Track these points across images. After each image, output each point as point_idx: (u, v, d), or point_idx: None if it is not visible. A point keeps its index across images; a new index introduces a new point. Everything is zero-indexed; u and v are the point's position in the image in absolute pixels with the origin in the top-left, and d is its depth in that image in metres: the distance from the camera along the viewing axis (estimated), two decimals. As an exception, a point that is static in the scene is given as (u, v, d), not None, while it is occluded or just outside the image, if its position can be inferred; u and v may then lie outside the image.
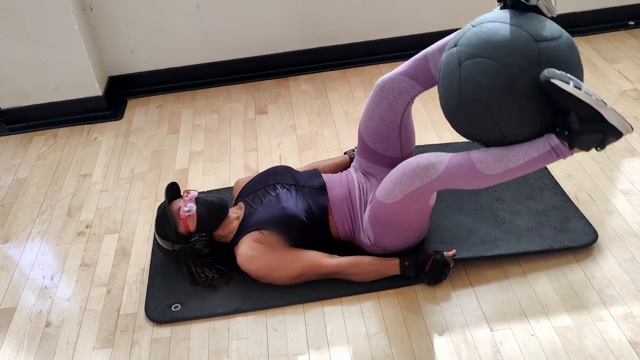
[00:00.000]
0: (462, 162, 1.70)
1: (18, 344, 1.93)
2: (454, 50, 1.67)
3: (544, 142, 1.61)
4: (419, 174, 1.75)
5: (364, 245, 2.00)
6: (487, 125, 1.64)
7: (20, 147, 2.92)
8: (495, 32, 1.61)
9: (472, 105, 1.63)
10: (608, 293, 1.87)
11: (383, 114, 1.96)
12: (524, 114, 1.60)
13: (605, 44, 3.18)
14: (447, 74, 1.69)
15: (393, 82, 1.94)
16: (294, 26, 3.14)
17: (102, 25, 3.02)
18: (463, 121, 1.70)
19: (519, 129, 1.63)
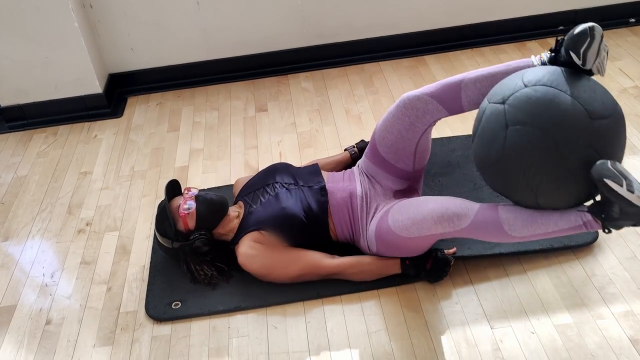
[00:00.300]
0: (489, 220, 1.68)
1: (18, 341, 1.93)
2: (501, 107, 1.59)
3: (576, 216, 1.59)
4: (442, 223, 1.73)
5: (364, 250, 2.00)
6: (522, 192, 1.61)
7: (20, 145, 2.92)
8: (551, 101, 1.53)
9: (512, 170, 1.59)
10: (608, 291, 1.87)
11: (402, 130, 1.90)
12: (565, 189, 1.58)
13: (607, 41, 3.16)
14: (489, 130, 1.62)
15: (419, 102, 1.85)
16: (294, 23, 3.14)
17: (102, 23, 3.02)
18: (497, 180, 1.67)
19: (555, 201, 1.60)
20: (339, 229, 2.00)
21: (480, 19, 3.22)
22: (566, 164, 1.53)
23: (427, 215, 1.76)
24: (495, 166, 1.63)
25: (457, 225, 1.72)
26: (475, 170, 1.72)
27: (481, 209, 1.71)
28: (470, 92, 1.80)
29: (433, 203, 1.78)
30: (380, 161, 2.01)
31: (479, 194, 2.22)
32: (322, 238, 2.01)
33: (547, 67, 1.64)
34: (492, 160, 1.63)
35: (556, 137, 1.52)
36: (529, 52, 3.16)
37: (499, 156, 1.59)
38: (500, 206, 1.70)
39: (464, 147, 2.43)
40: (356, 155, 2.32)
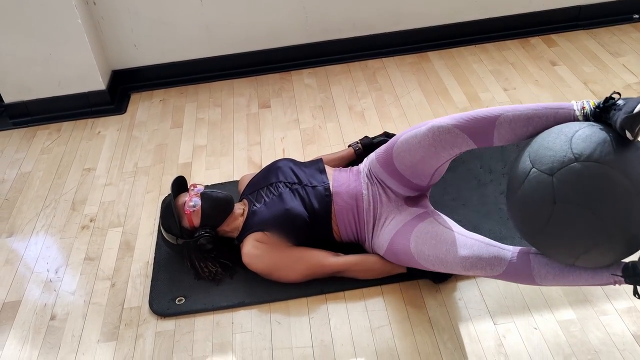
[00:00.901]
0: (520, 271, 1.66)
1: (23, 337, 1.94)
2: (549, 180, 1.52)
3: (608, 277, 1.58)
4: (473, 269, 1.71)
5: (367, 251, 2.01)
6: (560, 257, 1.60)
7: (24, 141, 2.93)
8: (603, 180, 1.48)
9: (555, 243, 1.57)
10: (612, 287, 1.87)
11: (426, 157, 1.83)
12: (604, 260, 1.56)
13: (610, 38, 3.17)
14: (535, 200, 1.55)
15: (449, 135, 1.76)
16: (297, 20, 3.14)
17: (105, 19, 3.02)
18: (537, 244, 1.63)
19: (592, 265, 1.59)
20: (342, 231, 2.00)
21: (484, 15, 3.22)
22: (612, 242, 1.51)
23: (458, 261, 1.73)
24: (536, 237, 1.60)
25: (489, 273, 1.70)
26: (514, 225, 1.70)
27: (513, 258, 1.68)
28: (504, 131, 1.72)
29: (465, 249, 1.73)
30: (394, 173, 1.95)
31: (483, 190, 2.22)
32: (325, 239, 2.01)
33: (596, 134, 1.54)
34: (533, 230, 1.59)
35: (607, 219, 1.48)
36: (532, 48, 3.16)
37: (543, 228, 1.55)
38: (532, 255, 1.67)
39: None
40: (360, 151, 2.31)
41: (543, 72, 2.96)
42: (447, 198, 2.19)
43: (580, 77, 2.89)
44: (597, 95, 2.73)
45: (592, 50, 3.08)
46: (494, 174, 2.28)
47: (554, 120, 1.67)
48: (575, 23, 3.28)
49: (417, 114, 2.76)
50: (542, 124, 1.68)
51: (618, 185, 1.47)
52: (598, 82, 2.83)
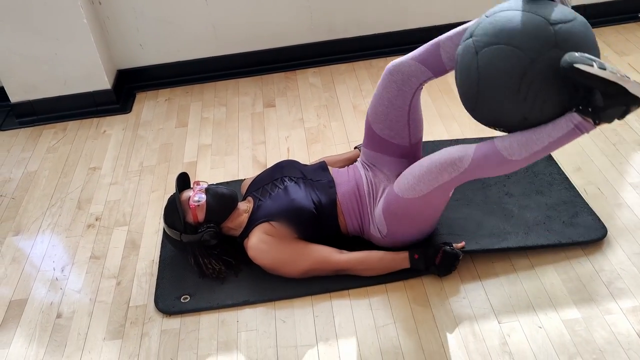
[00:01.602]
0: (488, 153, 1.72)
1: (30, 335, 1.96)
2: (469, 41, 1.70)
3: (566, 121, 1.62)
4: (446, 169, 1.76)
5: (374, 238, 2.01)
6: (508, 110, 1.65)
7: (30, 141, 2.94)
8: (510, 19, 1.63)
9: (492, 91, 1.65)
10: (617, 286, 1.86)
11: (392, 98, 1.96)
12: (545, 95, 1.60)
13: (616, 37, 3.16)
14: (464, 65, 1.71)
15: (403, 66, 1.94)
16: (303, 19, 3.14)
17: (110, 19, 3.03)
18: (484, 109, 1.71)
19: (540, 110, 1.63)
20: (348, 220, 2.01)
21: (489, 14, 3.21)
22: (537, 68, 1.57)
23: (430, 166, 1.78)
24: (478, 95, 1.68)
25: (460, 167, 1.74)
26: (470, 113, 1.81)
27: (478, 145, 1.75)
28: (449, 49, 1.87)
29: (432, 156, 1.81)
30: (378, 143, 2.04)
31: (487, 192, 2.22)
32: (331, 231, 2.02)
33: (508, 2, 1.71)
34: (473, 90, 1.69)
35: (521, 45, 1.58)
36: (537, 47, 3.15)
37: (477, 82, 1.66)
38: (495, 138, 1.74)
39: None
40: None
41: (548, 71, 2.96)
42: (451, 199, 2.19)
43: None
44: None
45: (597, 49, 3.07)
46: (498, 177, 2.28)
47: None
48: (580, 22, 3.27)
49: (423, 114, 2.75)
50: None
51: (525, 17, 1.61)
52: (603, 81, 2.82)
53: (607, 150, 2.40)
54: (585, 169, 2.31)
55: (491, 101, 1.67)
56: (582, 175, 2.28)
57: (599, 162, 2.35)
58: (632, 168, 2.30)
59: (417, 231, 1.96)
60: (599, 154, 2.38)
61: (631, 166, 2.31)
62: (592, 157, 2.37)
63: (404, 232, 1.95)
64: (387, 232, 1.95)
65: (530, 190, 2.21)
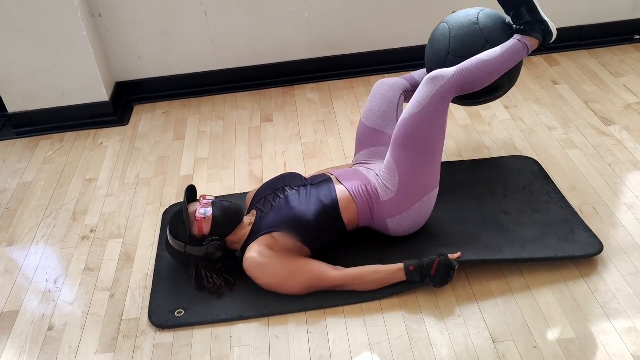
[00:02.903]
0: (465, 64, 2.06)
1: (21, 347, 1.94)
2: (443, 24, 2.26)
3: (512, 40, 2.11)
4: (433, 82, 2.01)
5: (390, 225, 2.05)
6: (474, 44, 2.15)
7: (26, 151, 2.94)
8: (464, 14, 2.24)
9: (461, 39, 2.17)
10: (612, 307, 1.86)
11: (385, 92, 2.29)
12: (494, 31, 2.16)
13: (611, 58, 3.19)
14: (436, 33, 2.27)
15: (390, 79, 2.35)
16: (301, 35, 3.16)
17: (110, 31, 3.05)
18: (457, 45, 2.17)
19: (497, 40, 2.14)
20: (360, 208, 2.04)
21: (486, 33, 3.24)
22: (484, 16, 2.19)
23: (416, 96, 2.01)
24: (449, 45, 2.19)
25: (443, 79, 2.00)
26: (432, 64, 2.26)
27: (454, 67, 2.05)
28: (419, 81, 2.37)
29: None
30: (369, 137, 2.25)
31: (484, 210, 2.23)
32: (337, 230, 2.03)
33: None
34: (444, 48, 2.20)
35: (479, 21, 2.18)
36: (534, 66, 3.18)
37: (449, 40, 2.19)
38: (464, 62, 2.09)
39: (469, 170, 2.46)
40: (363, 166, 2.35)
41: (544, 91, 2.98)
42: (447, 216, 2.20)
43: (581, 96, 2.90)
44: (598, 115, 2.75)
45: (593, 69, 3.10)
46: (494, 197, 2.29)
47: None
48: (577, 43, 3.31)
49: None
50: None
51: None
52: (599, 101, 2.85)
53: (602, 170, 2.41)
54: (581, 189, 2.32)
55: (464, 41, 2.17)
56: (578, 195, 2.29)
57: (594, 182, 2.35)
58: (627, 188, 2.31)
59: (423, 186, 2.03)
60: (594, 174, 2.39)
61: (626, 186, 2.32)
62: (587, 177, 2.38)
63: (411, 184, 2.01)
64: (399, 206, 2.01)
65: (527, 208, 2.22)
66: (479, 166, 2.48)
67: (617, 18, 3.26)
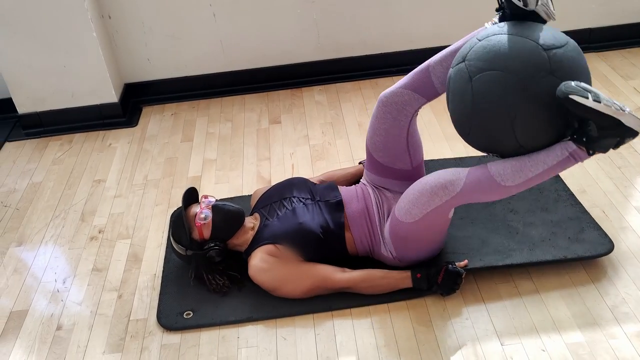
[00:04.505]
0: (480, 177, 1.70)
1: (29, 346, 1.94)
2: (462, 65, 1.68)
3: (561, 149, 1.62)
4: (437, 193, 1.75)
5: (385, 259, 2.00)
6: (503, 136, 1.65)
7: (36, 152, 2.96)
8: (503, 43, 1.62)
9: (487, 117, 1.64)
10: (621, 310, 1.85)
11: (388, 128, 1.95)
12: (539, 121, 1.60)
13: (621, 60, 3.17)
14: (457, 90, 1.69)
15: (395, 96, 1.93)
16: (310, 37, 3.16)
17: (119, 33, 3.06)
18: (478, 134, 1.71)
19: (535, 137, 1.63)
20: (358, 241, 2.00)
21: (495, 36, 3.23)
22: (533, 96, 1.57)
23: (422, 190, 1.77)
24: (472, 121, 1.68)
25: (452, 191, 1.73)
26: (463, 138, 1.82)
27: (471, 170, 1.74)
28: (439, 73, 1.87)
29: (425, 178, 1.81)
30: (380, 168, 2.05)
31: (491, 210, 2.22)
32: (338, 253, 2.01)
33: (502, 23, 1.72)
34: (467, 116, 1.69)
35: (516, 71, 1.58)
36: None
37: (472, 108, 1.66)
38: (489, 163, 1.72)
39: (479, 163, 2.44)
40: (369, 168, 2.33)
41: (553, 94, 2.96)
42: (455, 217, 2.19)
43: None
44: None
45: (603, 72, 3.08)
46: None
47: None
48: (586, 45, 3.29)
49: (427, 133, 2.76)
50: None
51: (518, 42, 1.60)
52: (609, 104, 2.83)
53: (612, 173, 2.39)
54: (590, 192, 2.31)
55: (486, 127, 1.66)
56: (587, 198, 2.28)
57: (604, 185, 2.34)
58: (637, 191, 2.30)
59: (426, 252, 1.96)
60: (604, 177, 2.38)
61: (636, 189, 2.30)
62: (597, 180, 2.37)
63: (412, 253, 1.94)
64: (396, 254, 1.95)
65: (536, 207, 2.20)
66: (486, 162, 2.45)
67: (627, 20, 3.24)
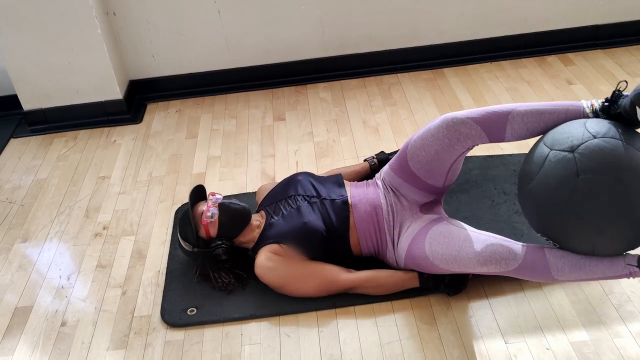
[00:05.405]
0: (537, 264, 1.68)
1: (34, 342, 1.95)
2: (570, 156, 1.58)
3: (624, 267, 1.61)
4: (488, 265, 1.72)
5: (390, 264, 1.99)
6: (582, 239, 1.62)
7: (41, 148, 2.96)
8: (623, 153, 1.54)
9: (579, 217, 1.58)
10: (627, 309, 1.84)
11: (440, 150, 1.86)
12: (626, 239, 1.59)
13: (628, 58, 3.15)
14: (556, 176, 1.59)
15: (463, 126, 1.80)
16: (314, 34, 3.16)
17: (124, 30, 3.06)
18: (558, 226, 1.64)
19: (612, 249, 1.62)
20: (363, 243, 1.99)
21: (501, 32, 3.22)
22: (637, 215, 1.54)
23: (472, 256, 1.73)
24: (560, 213, 1.61)
25: (504, 268, 1.71)
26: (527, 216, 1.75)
27: (529, 252, 1.70)
28: (517, 126, 1.77)
29: (478, 244, 1.74)
30: (409, 176, 1.97)
31: (497, 210, 2.21)
32: (343, 253, 2.00)
33: (608, 121, 1.63)
34: (556, 207, 1.60)
35: (629, 185, 1.52)
36: (548, 66, 3.15)
37: (567, 202, 1.58)
38: (546, 249, 1.69)
39: (482, 166, 2.44)
40: (375, 166, 2.31)
41: (559, 91, 2.95)
42: (460, 217, 2.18)
43: (597, 96, 2.87)
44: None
45: (609, 69, 3.06)
46: (508, 195, 2.26)
47: (565, 116, 1.73)
48: (592, 42, 3.27)
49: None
50: (553, 119, 1.74)
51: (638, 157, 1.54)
52: (615, 101, 2.81)
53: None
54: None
55: (572, 224, 1.60)
56: (593, 196, 2.26)
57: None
58: (643, 190, 2.28)
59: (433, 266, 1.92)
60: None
61: (642, 188, 2.29)
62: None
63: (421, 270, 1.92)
64: (404, 266, 1.94)
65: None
66: (492, 163, 2.45)
67: (635, 17, 3.21)
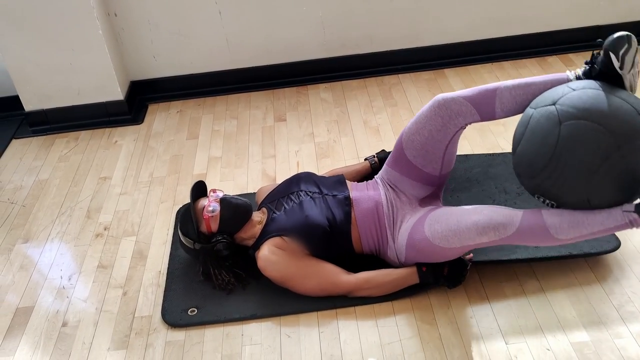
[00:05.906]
0: (534, 226, 1.68)
1: (35, 342, 1.96)
2: (552, 108, 1.63)
3: (622, 215, 1.60)
4: (486, 233, 1.73)
5: (390, 262, 1.99)
6: (575, 189, 1.62)
7: (42, 149, 2.97)
8: (602, 99, 1.59)
9: (567, 166, 1.60)
10: (627, 309, 1.84)
11: (434, 131, 1.90)
12: (618, 184, 1.59)
13: (629, 58, 3.15)
14: (540, 130, 1.64)
15: (454, 103, 1.86)
16: (315, 35, 3.16)
17: (125, 31, 3.07)
18: (548, 180, 1.66)
19: (607, 199, 1.62)
20: (364, 239, 1.99)
21: (501, 33, 3.22)
22: (622, 156, 1.55)
23: (470, 226, 1.75)
24: (548, 164, 1.63)
25: (502, 234, 1.71)
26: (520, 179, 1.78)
27: (525, 215, 1.71)
28: (505, 100, 1.82)
29: (475, 215, 1.76)
30: (406, 166, 2.00)
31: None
32: (345, 249, 2.01)
33: (589, 80, 1.69)
34: (543, 158, 1.63)
35: (612, 129, 1.55)
36: (549, 67, 3.15)
37: (553, 153, 1.60)
38: (543, 211, 1.69)
39: (482, 164, 2.43)
40: (376, 165, 2.31)
41: (560, 91, 2.95)
42: (460, 209, 2.18)
43: (598, 96, 2.87)
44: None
45: (610, 70, 3.06)
46: (509, 194, 2.26)
47: (551, 85, 1.78)
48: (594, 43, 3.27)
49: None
50: (540, 89, 1.79)
51: (617, 102, 1.59)
52: (616, 102, 2.81)
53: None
54: (597, 190, 2.30)
55: (561, 175, 1.62)
56: (593, 197, 2.26)
57: (610, 183, 2.33)
58: (644, 190, 2.28)
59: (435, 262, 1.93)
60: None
61: (643, 188, 2.29)
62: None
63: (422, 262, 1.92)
64: (405, 261, 1.94)
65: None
66: (493, 161, 2.45)
67: (636, 18, 3.21)
